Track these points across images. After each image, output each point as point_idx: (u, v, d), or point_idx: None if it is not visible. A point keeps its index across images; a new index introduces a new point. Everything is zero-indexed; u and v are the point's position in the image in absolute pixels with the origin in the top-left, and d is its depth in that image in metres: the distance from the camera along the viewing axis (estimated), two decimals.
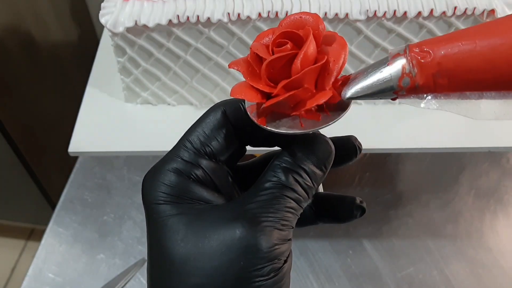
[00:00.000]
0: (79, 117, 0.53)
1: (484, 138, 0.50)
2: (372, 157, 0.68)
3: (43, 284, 0.58)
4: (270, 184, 0.25)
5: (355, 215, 0.29)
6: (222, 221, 0.24)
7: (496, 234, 0.61)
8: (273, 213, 0.24)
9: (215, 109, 0.27)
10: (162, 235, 0.25)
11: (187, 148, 0.26)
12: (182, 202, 0.25)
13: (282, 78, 0.23)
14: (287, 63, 0.23)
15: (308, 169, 0.25)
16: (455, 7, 0.44)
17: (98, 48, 0.60)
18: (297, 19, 0.24)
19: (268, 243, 0.23)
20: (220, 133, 0.27)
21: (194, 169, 0.26)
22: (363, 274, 0.58)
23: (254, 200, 0.24)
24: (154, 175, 0.26)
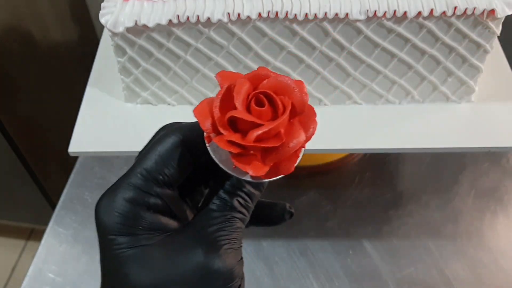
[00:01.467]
0: (79, 117, 0.53)
1: (484, 138, 0.50)
2: (372, 157, 0.68)
3: (43, 284, 0.58)
4: (219, 208, 0.26)
5: (285, 218, 0.32)
6: (183, 249, 0.25)
7: (496, 234, 0.61)
8: (229, 235, 0.25)
9: (171, 136, 0.27)
10: (124, 266, 0.24)
11: (142, 177, 0.26)
12: (139, 233, 0.25)
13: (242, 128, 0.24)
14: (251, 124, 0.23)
15: (248, 191, 0.27)
16: (455, 7, 0.44)
17: (98, 48, 0.60)
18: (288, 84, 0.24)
19: (228, 264, 0.25)
20: (176, 162, 0.26)
21: (150, 198, 0.26)
22: (363, 274, 0.58)
23: (210, 223, 0.25)
24: (108, 204, 0.25)
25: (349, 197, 0.65)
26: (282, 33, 0.46)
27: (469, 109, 0.53)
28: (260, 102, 0.24)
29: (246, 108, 0.24)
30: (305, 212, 0.63)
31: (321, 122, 0.48)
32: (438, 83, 0.51)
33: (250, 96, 0.24)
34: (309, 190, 0.65)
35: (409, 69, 0.50)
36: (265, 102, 0.24)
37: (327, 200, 0.64)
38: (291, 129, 0.24)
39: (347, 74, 0.50)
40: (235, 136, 0.23)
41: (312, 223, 0.62)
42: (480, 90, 0.52)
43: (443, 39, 0.47)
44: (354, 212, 0.63)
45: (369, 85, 0.51)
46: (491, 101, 0.53)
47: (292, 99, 0.24)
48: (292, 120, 0.24)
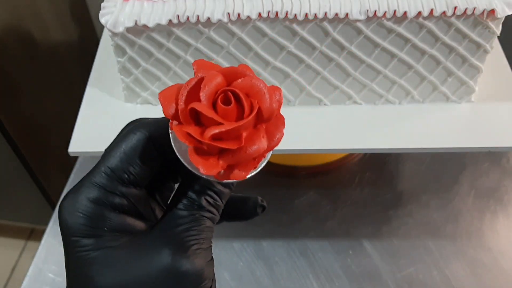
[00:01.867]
0: (79, 117, 0.53)
1: (484, 138, 0.50)
2: (372, 157, 0.68)
3: (43, 284, 0.58)
4: (186, 207, 0.25)
5: (258, 213, 0.31)
6: (149, 250, 0.24)
7: (496, 234, 0.61)
8: (197, 235, 0.24)
9: (137, 131, 0.26)
10: (88, 268, 0.24)
11: (107, 176, 0.25)
12: (103, 235, 0.24)
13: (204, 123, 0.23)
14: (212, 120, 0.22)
15: (217, 189, 0.26)
16: (455, 7, 0.44)
17: (98, 48, 0.60)
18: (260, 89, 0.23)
19: (197, 265, 0.24)
20: (143, 160, 0.25)
21: (115, 198, 0.25)
22: (363, 274, 0.58)
23: (177, 223, 0.24)
24: (72, 204, 0.24)
25: (349, 197, 0.64)
26: (282, 33, 0.46)
27: (469, 109, 0.53)
28: (228, 100, 0.23)
29: (211, 103, 0.22)
30: (305, 212, 0.63)
31: (321, 122, 0.48)
32: (438, 83, 0.51)
33: (218, 92, 0.23)
34: (309, 190, 0.65)
35: (409, 69, 0.50)
36: (232, 101, 0.22)
37: (327, 200, 0.64)
38: (254, 135, 0.23)
39: (347, 74, 0.50)
40: (194, 129, 0.22)
41: (312, 223, 0.62)
42: (480, 90, 0.52)
43: (443, 39, 0.47)
44: (354, 212, 0.63)
45: (369, 85, 0.51)
46: (491, 101, 0.53)
47: (260, 104, 0.23)
48: (258, 126, 0.23)
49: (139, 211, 0.26)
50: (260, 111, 0.23)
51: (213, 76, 0.23)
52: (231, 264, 0.58)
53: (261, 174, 0.25)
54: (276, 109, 0.23)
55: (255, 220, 0.66)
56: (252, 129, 0.23)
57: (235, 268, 0.58)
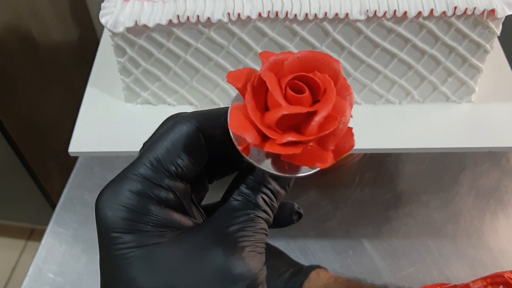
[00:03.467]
0: (79, 117, 0.53)
1: (484, 138, 0.50)
2: (372, 157, 0.68)
3: (43, 284, 0.58)
4: (241, 205, 0.23)
5: (293, 220, 0.29)
6: (200, 249, 0.22)
7: (496, 234, 0.61)
8: (252, 236, 0.22)
9: (186, 122, 0.24)
10: (130, 268, 0.21)
11: (152, 167, 0.23)
12: (148, 230, 0.22)
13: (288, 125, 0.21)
14: (300, 116, 0.21)
15: (274, 189, 0.24)
16: (455, 7, 0.44)
17: (98, 48, 0.60)
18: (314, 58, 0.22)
19: (254, 269, 0.22)
20: (192, 152, 0.23)
21: (161, 191, 0.22)
22: (363, 274, 0.58)
23: (231, 223, 0.22)
24: (113, 197, 0.22)
25: (349, 197, 0.65)
26: (282, 33, 0.46)
27: (469, 109, 0.53)
28: (296, 88, 0.21)
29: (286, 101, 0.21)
30: (305, 212, 0.63)
31: None
32: (438, 83, 0.51)
33: (283, 86, 0.21)
34: (309, 190, 0.65)
35: (409, 69, 0.50)
36: (303, 87, 0.21)
37: (327, 200, 0.64)
38: (335, 104, 0.21)
39: (347, 74, 0.50)
40: (290, 135, 0.21)
41: (312, 223, 0.62)
42: (480, 90, 0.52)
43: (443, 39, 0.47)
44: (354, 212, 0.63)
45: (369, 85, 0.51)
46: (491, 101, 0.53)
47: (324, 72, 0.21)
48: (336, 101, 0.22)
49: (185, 208, 0.24)
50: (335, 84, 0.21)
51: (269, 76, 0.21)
52: None
53: None
54: (340, 68, 0.22)
55: None
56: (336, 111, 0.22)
57: None
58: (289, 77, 0.21)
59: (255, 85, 0.21)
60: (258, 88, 0.21)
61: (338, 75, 0.22)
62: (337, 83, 0.22)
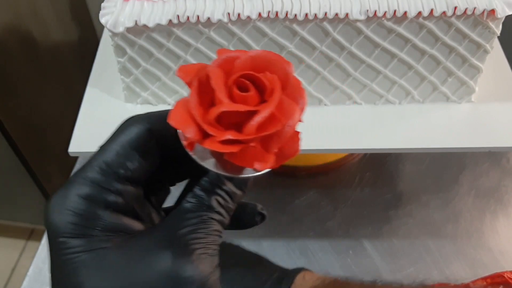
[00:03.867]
0: (79, 117, 0.53)
1: (484, 138, 0.50)
2: (372, 157, 0.68)
3: (43, 284, 0.58)
4: (194, 207, 0.23)
5: (256, 221, 0.28)
6: (149, 252, 0.21)
7: (496, 234, 0.61)
8: (204, 238, 0.22)
9: (136, 124, 0.23)
10: (76, 274, 0.21)
11: (101, 170, 0.22)
12: (96, 235, 0.21)
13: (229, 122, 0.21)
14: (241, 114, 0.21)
15: (229, 190, 0.24)
16: (455, 7, 0.44)
17: (98, 48, 0.60)
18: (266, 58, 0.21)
19: (203, 272, 0.21)
20: (142, 154, 0.23)
21: (109, 195, 0.22)
22: (363, 274, 0.58)
23: (182, 225, 0.22)
24: (60, 202, 0.22)
25: (349, 197, 0.64)
26: (282, 33, 0.46)
27: (469, 109, 0.53)
28: (243, 87, 0.21)
29: (230, 99, 0.21)
30: (305, 212, 0.63)
31: (321, 122, 0.48)
32: (438, 83, 0.51)
33: (230, 84, 0.21)
34: (309, 190, 0.65)
35: (409, 69, 0.50)
36: (249, 86, 0.21)
37: (327, 200, 0.64)
38: (282, 107, 0.21)
39: (347, 74, 0.50)
40: (230, 133, 0.20)
41: (312, 223, 0.62)
42: (480, 90, 0.52)
43: (443, 39, 0.47)
44: (354, 212, 0.63)
45: (369, 85, 0.51)
46: (491, 101, 0.53)
47: (275, 73, 0.21)
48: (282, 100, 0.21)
49: (136, 212, 0.24)
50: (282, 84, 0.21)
51: (215, 72, 0.21)
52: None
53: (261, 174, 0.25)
54: (291, 70, 0.21)
55: None
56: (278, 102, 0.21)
57: None
58: (236, 75, 0.21)
59: (203, 81, 0.21)
60: (205, 84, 0.21)
61: (288, 77, 0.21)
62: (287, 85, 0.21)
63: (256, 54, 0.21)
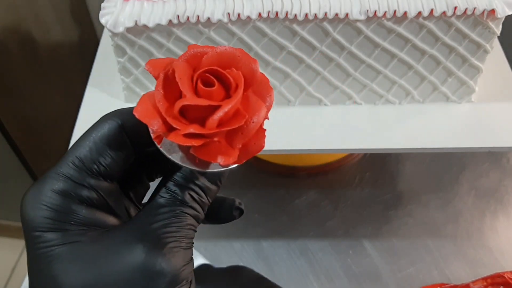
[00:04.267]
0: (79, 117, 0.53)
1: (484, 138, 0.50)
2: (372, 157, 0.68)
3: None
4: (167, 202, 0.23)
5: (234, 216, 0.28)
6: (122, 246, 0.22)
7: (496, 234, 0.61)
8: (177, 232, 0.22)
9: (108, 120, 0.24)
10: (51, 267, 0.21)
11: (75, 166, 0.23)
12: (70, 229, 0.22)
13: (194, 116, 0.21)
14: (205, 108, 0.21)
15: (203, 185, 0.24)
16: (455, 7, 0.44)
17: (98, 48, 0.60)
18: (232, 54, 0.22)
19: (175, 265, 0.22)
20: (114, 150, 0.23)
21: (83, 190, 0.23)
22: (363, 274, 0.58)
23: (155, 219, 0.22)
24: (35, 196, 0.22)
25: (349, 197, 0.65)
26: (282, 33, 0.46)
27: (469, 109, 0.53)
28: (208, 82, 0.21)
29: (194, 93, 0.21)
30: (305, 212, 0.63)
31: (321, 122, 0.48)
32: (438, 83, 0.51)
33: (195, 78, 0.21)
34: (309, 190, 0.65)
35: (409, 69, 0.50)
36: (213, 81, 0.21)
37: (327, 200, 0.64)
38: (248, 103, 0.21)
39: (347, 74, 0.50)
40: (193, 127, 0.21)
41: (312, 223, 0.62)
42: (480, 90, 0.52)
43: (443, 39, 0.47)
44: (354, 212, 0.63)
45: (369, 85, 0.51)
46: (491, 101, 0.53)
47: (240, 69, 0.21)
48: (245, 93, 0.22)
49: (111, 207, 0.24)
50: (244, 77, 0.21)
51: (181, 66, 0.21)
52: (231, 264, 0.58)
53: (261, 174, 0.25)
54: (257, 67, 0.22)
55: (255, 220, 0.66)
56: (244, 99, 0.22)
57: None
58: (201, 70, 0.21)
59: (169, 75, 0.21)
60: (172, 78, 0.21)
61: (254, 74, 0.22)
62: (253, 82, 0.22)
63: (223, 50, 0.22)
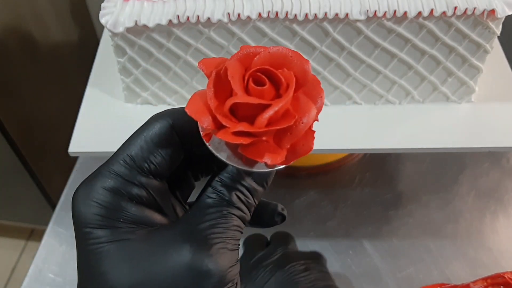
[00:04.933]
0: (79, 117, 0.53)
1: (484, 138, 0.50)
2: (372, 157, 0.68)
3: (43, 284, 0.58)
4: (214, 202, 0.23)
5: (276, 221, 0.29)
6: (170, 245, 0.22)
7: (496, 234, 0.61)
8: (223, 233, 0.23)
9: (159, 119, 0.24)
10: (101, 263, 0.22)
11: (126, 164, 0.23)
12: (120, 226, 0.22)
13: (244, 115, 0.21)
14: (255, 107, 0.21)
15: (249, 186, 0.24)
16: (455, 7, 0.44)
17: (98, 48, 0.60)
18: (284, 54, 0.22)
19: (222, 266, 0.22)
20: (165, 149, 0.24)
21: (134, 188, 0.23)
22: (363, 274, 0.58)
23: (202, 220, 0.23)
24: (86, 193, 0.23)
25: (349, 197, 0.65)
26: (282, 33, 0.46)
27: (469, 109, 0.53)
28: (259, 81, 0.21)
29: (245, 92, 0.21)
30: (305, 212, 0.63)
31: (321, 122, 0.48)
32: (438, 83, 0.51)
33: (246, 77, 0.21)
34: (309, 190, 0.65)
35: (409, 69, 0.50)
36: (265, 80, 0.21)
37: (327, 200, 0.64)
38: (298, 104, 0.22)
39: (347, 74, 0.50)
40: (242, 125, 0.21)
41: (312, 223, 0.62)
42: (480, 90, 0.52)
43: (443, 39, 0.47)
44: (354, 212, 0.63)
45: (369, 85, 0.51)
46: (491, 101, 0.53)
47: (292, 69, 0.22)
48: (296, 94, 0.22)
49: (160, 205, 0.24)
50: (295, 77, 0.21)
51: (234, 65, 0.21)
52: None
53: None
54: (309, 68, 0.22)
55: None
56: (294, 99, 0.22)
57: None
58: (253, 69, 0.21)
59: (221, 74, 0.21)
60: (224, 76, 0.21)
61: (306, 75, 0.22)
62: (305, 82, 0.22)
63: (275, 50, 0.22)
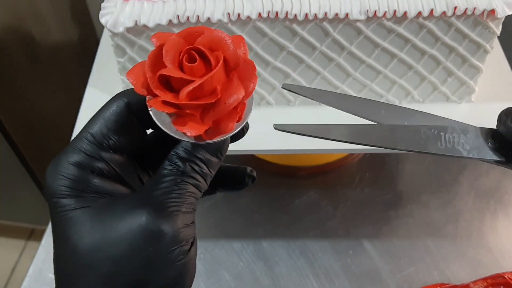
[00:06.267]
0: (79, 117, 0.53)
1: None
2: (372, 157, 0.68)
3: (43, 284, 0.58)
4: (170, 172, 0.25)
5: (247, 182, 0.31)
6: (127, 210, 0.24)
7: (496, 234, 0.61)
8: (177, 198, 0.25)
9: (117, 99, 0.27)
10: (66, 228, 0.24)
11: (88, 141, 0.26)
12: (83, 196, 0.25)
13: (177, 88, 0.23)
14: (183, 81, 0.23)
15: (204, 157, 0.26)
16: (455, 7, 0.44)
17: (98, 48, 0.60)
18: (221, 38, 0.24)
19: (174, 226, 0.24)
20: (122, 126, 0.26)
21: (96, 162, 0.26)
22: (363, 274, 0.58)
23: (157, 187, 0.25)
24: (55, 168, 0.26)
25: (349, 197, 0.65)
26: (282, 33, 0.46)
27: (469, 109, 0.53)
28: (192, 58, 0.23)
29: (178, 66, 0.23)
30: (305, 212, 0.63)
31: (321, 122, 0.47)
32: (438, 83, 0.51)
33: (182, 53, 0.23)
34: (309, 190, 0.65)
35: (409, 69, 0.50)
36: (196, 58, 0.23)
37: (327, 200, 0.64)
38: (229, 85, 0.23)
39: (347, 74, 0.50)
40: (169, 95, 0.23)
41: (312, 223, 0.62)
42: (480, 90, 0.52)
43: (443, 39, 0.47)
44: (354, 212, 0.63)
45: (369, 85, 0.51)
46: (491, 101, 0.53)
47: (224, 53, 0.23)
48: (230, 76, 0.24)
49: (122, 177, 0.27)
50: (226, 60, 0.23)
51: (172, 41, 0.23)
52: (231, 264, 0.58)
53: (262, 174, 0.25)
54: (242, 54, 0.24)
55: (255, 220, 0.66)
56: (226, 81, 0.24)
57: (235, 268, 0.58)
58: (187, 47, 0.23)
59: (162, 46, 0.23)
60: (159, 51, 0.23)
61: (237, 59, 0.23)
62: (236, 66, 0.24)
63: (215, 34, 0.24)
